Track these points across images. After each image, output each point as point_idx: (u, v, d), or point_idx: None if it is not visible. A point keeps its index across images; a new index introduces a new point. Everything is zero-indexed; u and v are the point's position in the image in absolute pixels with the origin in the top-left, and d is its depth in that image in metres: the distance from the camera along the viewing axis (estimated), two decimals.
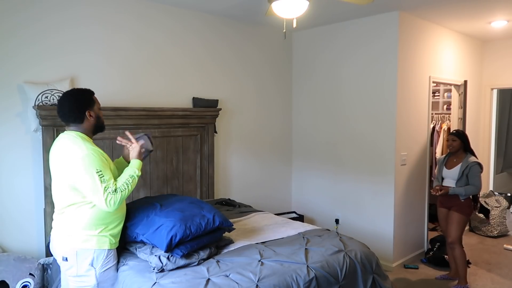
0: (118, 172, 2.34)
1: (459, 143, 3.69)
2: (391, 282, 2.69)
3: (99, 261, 2.17)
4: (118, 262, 2.34)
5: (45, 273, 2.90)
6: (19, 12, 2.94)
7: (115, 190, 2.11)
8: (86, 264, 2.15)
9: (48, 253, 2.99)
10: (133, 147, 2.35)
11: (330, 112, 4.60)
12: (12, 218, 2.99)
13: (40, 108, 2.87)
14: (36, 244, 3.09)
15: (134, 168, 2.26)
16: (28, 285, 2.76)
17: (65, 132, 2.25)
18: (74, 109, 2.21)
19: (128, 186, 2.17)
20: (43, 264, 2.90)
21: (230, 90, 4.31)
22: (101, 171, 2.09)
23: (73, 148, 2.12)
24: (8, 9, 2.90)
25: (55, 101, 2.95)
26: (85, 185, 2.08)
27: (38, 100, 2.90)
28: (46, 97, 2.92)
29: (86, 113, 2.22)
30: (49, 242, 2.67)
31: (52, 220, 2.31)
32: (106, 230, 2.20)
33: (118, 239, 2.32)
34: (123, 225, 2.35)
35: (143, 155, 2.42)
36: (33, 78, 3.00)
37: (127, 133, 2.44)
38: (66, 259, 2.16)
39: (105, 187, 2.07)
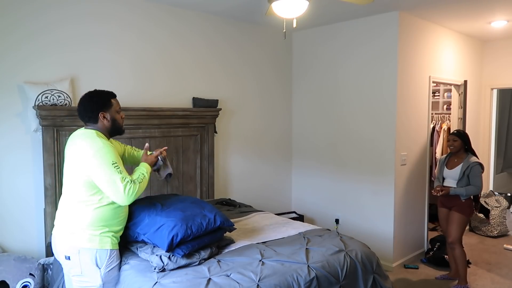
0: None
1: (460, 143, 3.68)
2: (391, 282, 2.69)
3: (103, 261, 2.16)
4: (120, 261, 2.34)
5: (46, 273, 2.89)
6: (18, 9, 2.93)
7: (133, 181, 2.13)
8: (90, 264, 2.14)
9: (49, 253, 2.98)
10: (152, 156, 2.49)
11: (330, 112, 4.60)
12: (12, 218, 2.99)
13: (40, 108, 2.87)
14: (36, 244, 3.09)
15: (143, 168, 2.32)
16: (28, 285, 2.75)
17: (82, 128, 2.28)
18: (88, 109, 2.24)
19: (142, 180, 2.21)
20: (43, 264, 2.90)
21: (230, 90, 4.32)
22: (116, 163, 2.10)
23: (87, 143, 2.13)
24: (8, 5, 2.89)
25: (55, 101, 2.96)
26: (101, 177, 2.07)
27: (38, 100, 2.90)
28: (46, 97, 2.92)
29: (100, 115, 2.23)
30: (49, 242, 2.66)
31: (53, 219, 2.31)
32: (109, 230, 2.20)
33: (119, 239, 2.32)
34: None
35: (163, 177, 2.60)
36: (32, 77, 3.00)
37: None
38: (69, 258, 2.15)
39: (122, 177, 2.08)
